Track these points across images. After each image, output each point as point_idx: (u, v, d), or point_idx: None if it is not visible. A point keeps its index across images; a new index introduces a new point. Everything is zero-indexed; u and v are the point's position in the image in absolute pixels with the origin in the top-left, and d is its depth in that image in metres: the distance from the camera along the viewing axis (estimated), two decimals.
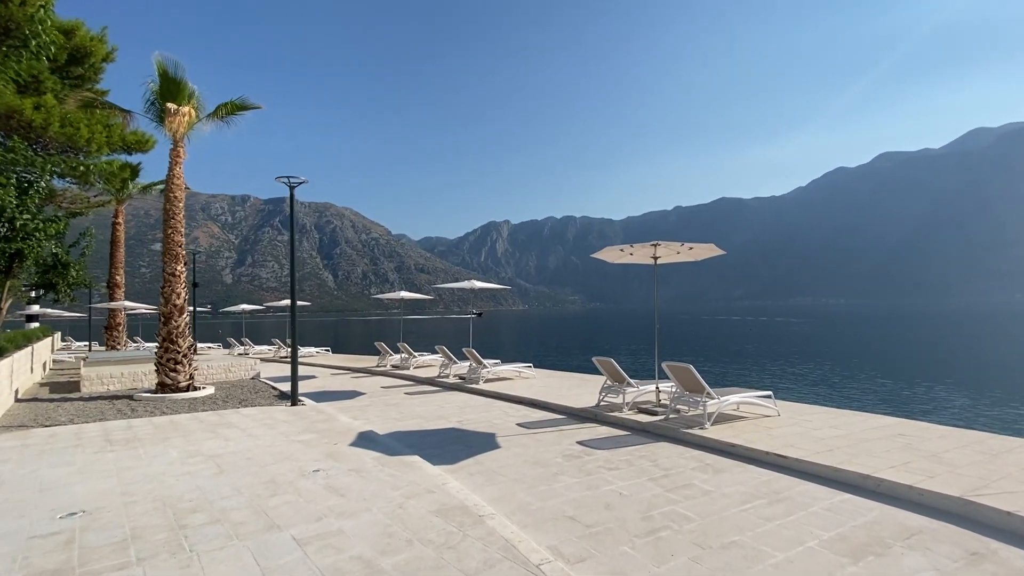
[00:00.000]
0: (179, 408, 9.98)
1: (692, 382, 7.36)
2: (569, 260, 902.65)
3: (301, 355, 22.67)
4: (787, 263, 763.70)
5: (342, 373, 16.85)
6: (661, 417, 7.76)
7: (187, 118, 11.65)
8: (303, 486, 4.83)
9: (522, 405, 9.87)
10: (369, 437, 6.96)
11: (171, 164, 12.63)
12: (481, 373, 12.32)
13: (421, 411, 9.55)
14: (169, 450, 6.35)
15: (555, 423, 8.15)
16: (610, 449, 6.51)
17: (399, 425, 8.36)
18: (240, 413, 9.06)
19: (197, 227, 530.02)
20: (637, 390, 8.50)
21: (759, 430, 6.89)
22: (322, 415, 8.71)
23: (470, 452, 6.51)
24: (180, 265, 12.50)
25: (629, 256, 9.00)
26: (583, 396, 9.83)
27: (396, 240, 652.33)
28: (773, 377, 24.28)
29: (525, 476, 5.47)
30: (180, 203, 12.66)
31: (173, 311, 12.28)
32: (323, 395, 12.14)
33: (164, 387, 11.93)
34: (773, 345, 43.17)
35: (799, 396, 18.67)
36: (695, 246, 8.15)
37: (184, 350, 12.29)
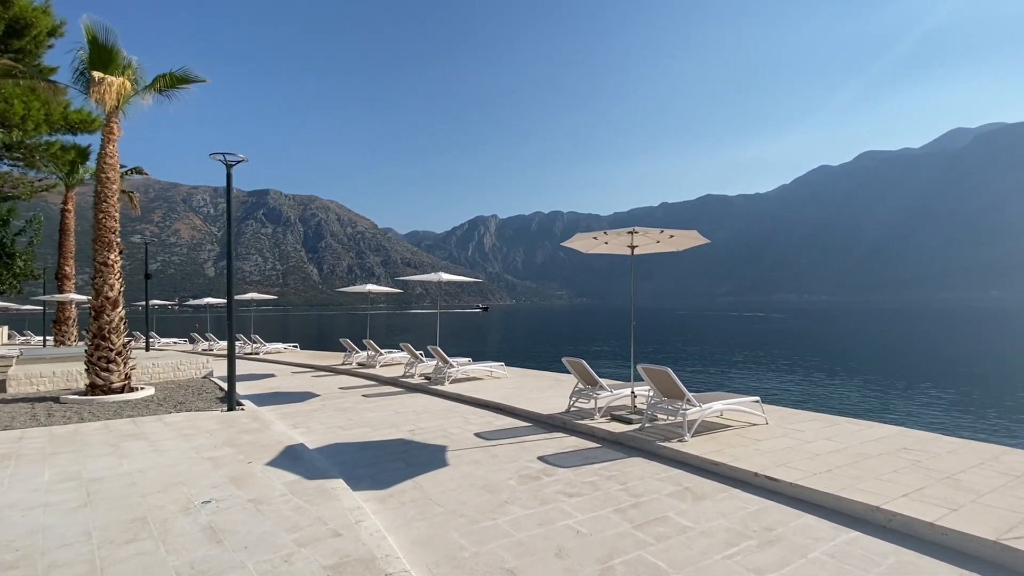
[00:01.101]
0: (103, 413, 8.86)
1: (671, 387, 6.47)
2: (556, 255, 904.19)
3: (267, 352, 21.47)
4: (771, 259, 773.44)
5: (304, 372, 15.76)
6: (636, 426, 6.86)
7: (115, 87, 10.40)
8: (177, 527, 3.82)
9: (487, 410, 8.92)
10: (294, 453, 5.94)
11: (103, 141, 11.39)
12: (447, 373, 11.34)
13: (372, 417, 8.54)
14: (44, 471, 5.27)
15: (518, 432, 7.22)
16: (574, 467, 5.58)
17: (341, 435, 7.35)
18: (163, 420, 7.97)
19: (179, 219, 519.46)
20: (611, 394, 7.60)
21: (745, 443, 6.02)
22: (255, 423, 7.66)
23: (410, 472, 5.54)
24: (113, 254, 11.28)
25: (604, 245, 8.08)
26: (553, 400, 8.91)
27: (383, 234, 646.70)
28: (757, 375, 23.68)
29: (467, 506, 4.52)
30: (114, 185, 11.43)
31: (105, 304, 11.09)
32: (274, 396, 11.09)
33: (95, 388, 10.76)
34: (758, 341, 42.85)
35: (786, 397, 18.01)
36: (676, 233, 7.24)
37: (118, 347, 11.11)
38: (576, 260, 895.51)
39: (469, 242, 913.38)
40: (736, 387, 19.92)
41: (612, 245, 8.09)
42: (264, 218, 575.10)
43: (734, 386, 20.40)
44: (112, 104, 10.94)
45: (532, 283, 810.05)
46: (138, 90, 11.47)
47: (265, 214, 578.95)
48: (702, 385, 20.67)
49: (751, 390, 18.67)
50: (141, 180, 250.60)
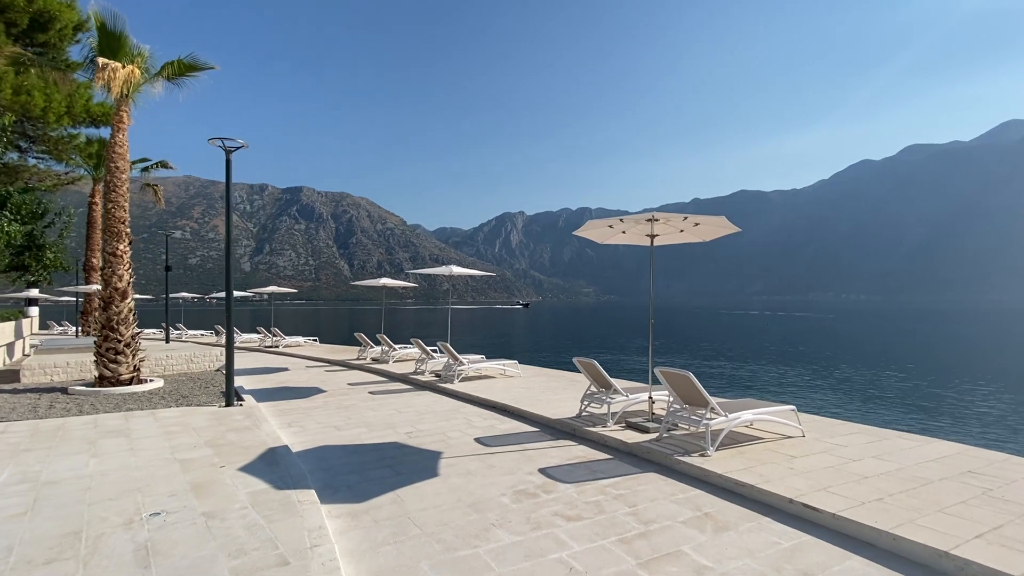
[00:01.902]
0: (104, 406, 8.65)
1: (692, 393, 5.72)
2: (583, 252, 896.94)
3: (286, 345, 21.42)
4: (807, 258, 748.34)
5: (317, 366, 15.50)
6: (653, 436, 6.13)
7: (120, 74, 10.18)
8: (109, 545, 3.34)
9: (493, 412, 8.32)
10: (274, 457, 5.46)
11: (113, 130, 11.24)
12: (457, 370, 10.79)
13: (371, 417, 8.05)
14: (5, 470, 4.93)
15: (522, 439, 6.58)
16: (578, 483, 4.92)
17: (333, 436, 6.87)
18: (155, 415, 7.66)
19: (217, 215, 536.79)
20: (626, 399, 6.88)
21: (778, 459, 5.24)
22: (247, 421, 7.26)
23: (395, 482, 4.98)
24: (122, 244, 11.13)
25: (622, 235, 7.34)
26: (565, 403, 8.23)
27: (411, 230, 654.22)
28: (793, 380, 22.27)
29: (448, 528, 3.92)
30: (123, 175, 11.27)
31: (114, 295, 10.96)
32: (279, 391, 10.76)
33: (103, 380, 10.64)
34: (794, 343, 40.86)
35: (825, 406, 16.71)
36: (702, 220, 6.45)
37: (127, 339, 10.96)
38: (604, 257, 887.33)
39: (496, 239, 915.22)
40: (769, 393, 18.69)
41: (631, 235, 7.35)
42: (297, 214, 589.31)
43: (766, 392, 19.12)
44: (120, 92, 10.76)
45: (559, 280, 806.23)
46: (147, 78, 11.28)
47: (298, 211, 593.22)
48: (730, 390, 19.45)
49: (786, 397, 17.48)
50: (182, 177, 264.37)
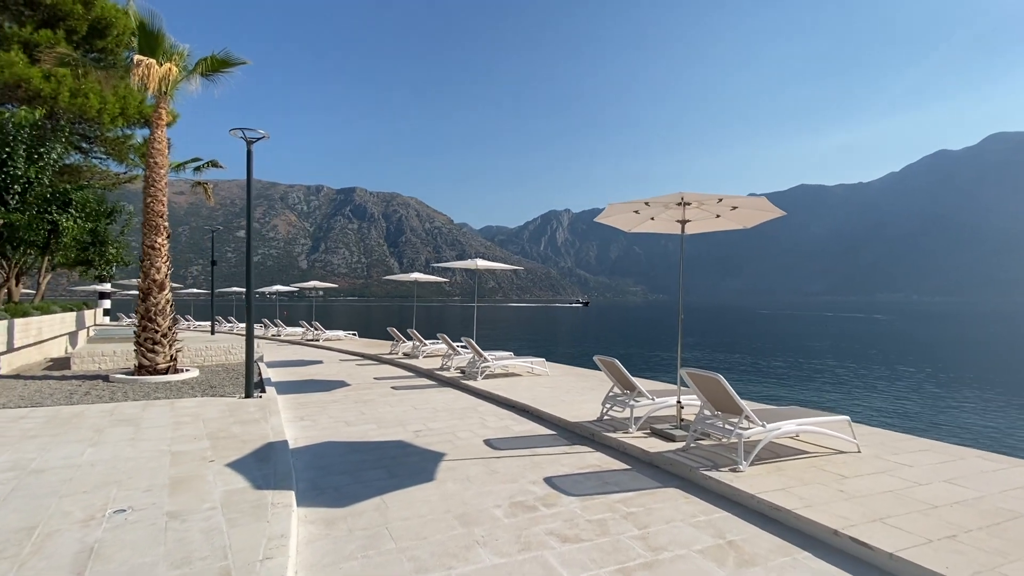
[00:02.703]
0: (134, 394, 8.82)
1: (722, 399, 5.01)
2: (631, 250, 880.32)
3: (326, 339, 21.78)
4: (874, 256, 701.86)
5: (351, 360, 15.54)
6: (679, 445, 5.46)
7: (153, 71, 10.38)
8: (54, 545, 3.11)
9: (511, 411, 7.85)
10: (268, 452, 5.21)
11: (152, 127, 11.53)
12: (480, 367, 10.38)
13: (386, 413, 7.76)
14: (1, 456, 4.91)
15: (534, 442, 6.07)
16: (585, 496, 4.35)
17: (341, 432, 6.60)
18: (173, 405, 7.67)
19: (276, 215, 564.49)
20: (651, 403, 6.22)
21: (825, 479, 4.47)
22: (259, 413, 7.12)
23: (386, 486, 4.59)
24: (160, 237, 11.40)
25: (650, 221, 6.67)
26: (588, 405, 7.64)
27: (458, 229, 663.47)
28: (850, 387, 20.38)
29: (426, 543, 3.47)
30: (162, 170, 11.54)
31: (152, 287, 11.23)
32: (305, 384, 10.72)
33: (142, 369, 10.94)
34: (854, 346, 37.90)
35: (887, 417, 15.09)
36: (740, 203, 5.68)
37: (164, 329, 11.23)
38: (653, 255, 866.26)
39: (542, 236, 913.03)
40: (821, 401, 17.05)
41: (660, 221, 6.66)
42: (351, 214, 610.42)
43: (818, 399, 17.48)
44: (157, 89, 11.01)
45: (605, 278, 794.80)
46: (182, 76, 11.50)
47: (352, 210, 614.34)
48: (776, 396, 17.88)
49: (840, 406, 15.92)
50: (244, 180, 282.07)
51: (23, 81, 14.26)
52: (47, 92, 14.73)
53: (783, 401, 16.83)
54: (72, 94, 15.25)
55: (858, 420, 6.12)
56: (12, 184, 13.71)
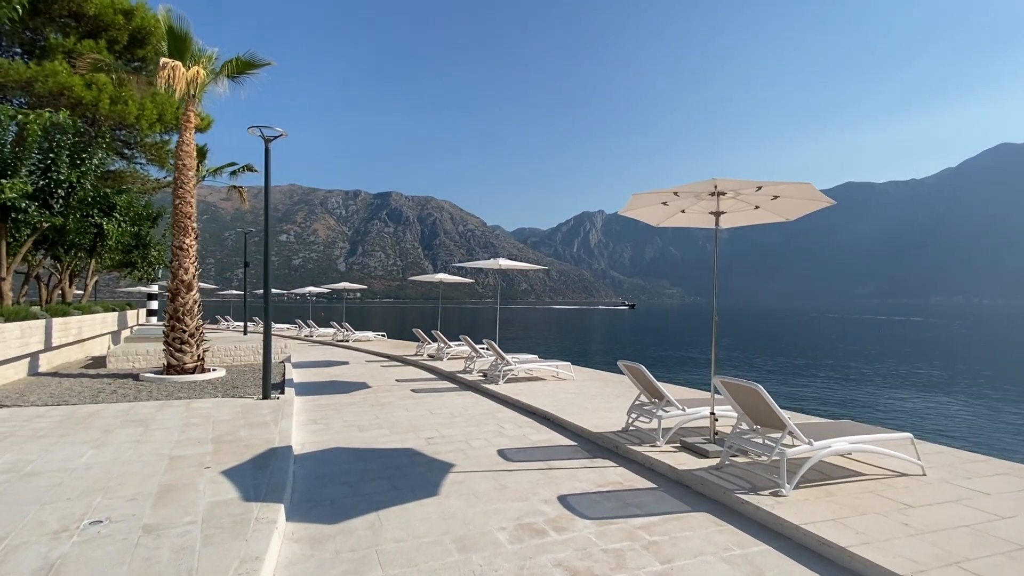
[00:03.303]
0: (158, 393, 8.87)
1: (762, 412, 4.43)
2: (667, 251, 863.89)
3: (356, 339, 21.88)
4: (929, 257, 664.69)
5: (376, 361, 15.43)
6: (712, 463, 4.89)
7: (180, 73, 10.48)
8: (15, 560, 2.89)
9: (532, 418, 7.40)
10: (269, 459, 4.95)
11: (181, 130, 11.72)
12: (502, 371, 9.98)
13: (401, 417, 7.46)
14: (2, 457, 4.82)
15: (552, 454, 5.61)
16: (603, 519, 3.87)
17: (351, 438, 6.32)
18: (189, 406, 7.59)
19: (316, 220, 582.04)
20: (682, 414, 5.66)
21: (885, 507, 3.84)
22: (271, 415, 6.94)
23: (385, 500, 4.24)
24: (189, 239, 11.54)
25: (680, 214, 6.11)
26: (613, 414, 7.12)
27: (491, 231, 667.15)
28: (910, 398, 18.78)
29: (413, 574, 3.08)
30: (190, 172, 11.70)
31: (180, 287, 11.36)
32: (325, 386, 10.58)
33: (170, 368, 11.07)
34: (911, 352, 35.34)
35: (955, 432, 13.58)
36: (782, 191, 5.07)
37: (191, 329, 11.33)
38: (690, 256, 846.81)
39: (575, 238, 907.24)
40: (877, 416, 15.40)
41: (692, 214, 6.10)
42: (387, 218, 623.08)
43: (874, 415, 15.80)
44: (185, 92, 11.14)
45: (640, 280, 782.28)
46: (208, 79, 11.60)
47: (388, 214, 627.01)
48: (826, 410, 16.28)
49: (899, 422, 14.48)
50: (287, 186, 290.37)
51: (66, 89, 14.81)
52: (89, 100, 15.26)
53: (830, 413, 15.69)
54: (112, 101, 15.76)
55: (921, 436, 5.40)
56: (56, 188, 14.21)
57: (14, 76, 14.31)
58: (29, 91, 15.15)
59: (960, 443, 9.82)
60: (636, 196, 5.30)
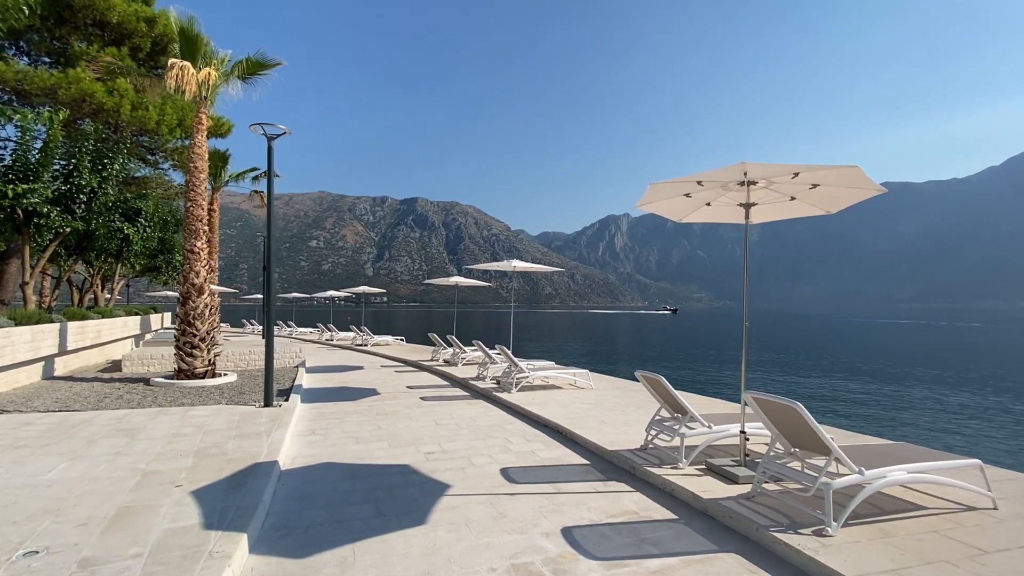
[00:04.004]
0: (164, 398, 8.68)
1: (804, 434, 3.78)
2: (695, 255, 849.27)
3: (374, 343, 21.66)
4: (973, 259, 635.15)
5: (391, 366, 15.10)
6: (743, 490, 4.25)
7: (190, 73, 10.35)
8: None
9: (543, 431, 6.85)
10: (247, 477, 4.53)
11: (193, 132, 11.59)
12: (515, 378, 9.44)
13: (403, 428, 7.00)
14: None
15: (562, 474, 5.04)
16: (611, 561, 3.30)
17: (346, 451, 5.88)
18: (185, 414, 7.30)
19: (345, 226, 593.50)
20: (708, 432, 5.02)
21: (954, 552, 3.16)
22: (266, 425, 6.57)
23: (364, 529, 3.75)
24: (200, 242, 11.38)
25: (706, 207, 5.50)
26: (632, 428, 6.51)
27: (515, 235, 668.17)
28: (970, 417, 15.81)
29: None
30: (201, 174, 11.52)
31: (191, 291, 11.22)
32: (334, 392, 10.22)
33: (180, 373, 10.92)
34: (966, 362, 32.84)
35: (1018, 457, 12.10)
36: (822, 178, 4.40)
37: (202, 333, 11.18)
38: (718, 259, 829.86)
39: (600, 242, 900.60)
40: (935, 439, 13.24)
41: (719, 207, 5.47)
42: (413, 223, 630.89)
43: (931, 437, 13.58)
44: (196, 93, 11.02)
45: (667, 284, 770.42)
46: (220, 81, 11.47)
47: (414, 220, 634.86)
48: (875, 428, 14.02)
49: (959, 444, 12.88)
50: (316, 193, 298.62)
51: (88, 95, 15.00)
52: (110, 106, 15.43)
53: (875, 430, 14.52)
54: (133, 107, 15.92)
55: (991, 461, 4.64)
56: (78, 194, 14.37)
57: (38, 83, 14.54)
58: (53, 97, 15.43)
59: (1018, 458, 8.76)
60: (654, 186, 4.71)
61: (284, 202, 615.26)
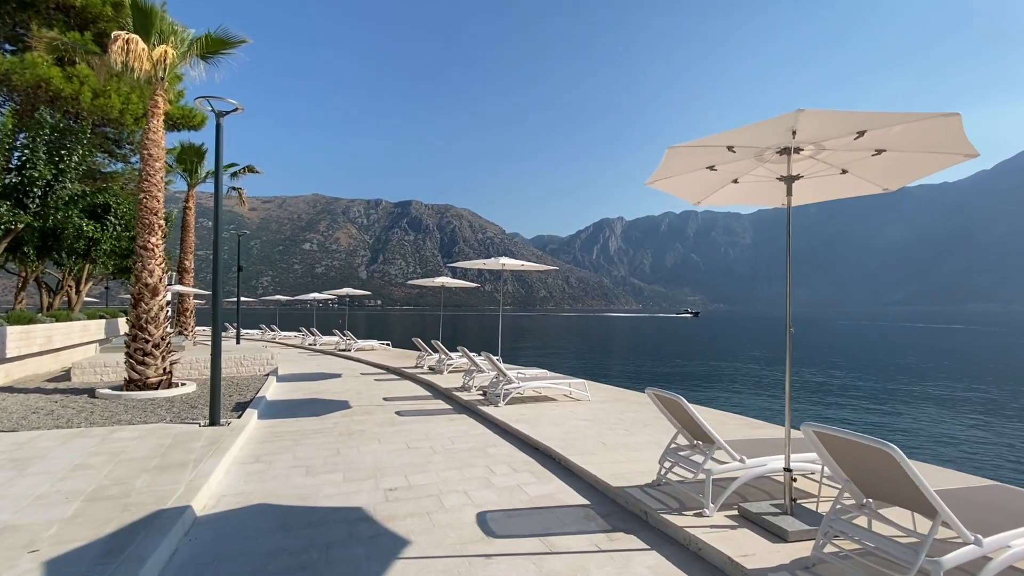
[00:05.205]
0: (102, 414, 7.58)
1: (892, 486, 2.71)
2: (688, 258, 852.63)
3: (358, 348, 20.49)
4: (962, 262, 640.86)
5: (372, 373, 13.96)
6: (796, 552, 3.17)
7: (139, 48, 9.19)
8: None
9: (534, 455, 5.76)
10: (135, 534, 3.41)
11: (148, 116, 10.46)
12: (503, 389, 8.35)
13: (367, 455, 5.88)
14: None
15: (554, 521, 3.95)
16: None
17: (290, 487, 4.76)
18: (108, 436, 6.15)
19: (339, 229, 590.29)
20: (742, 467, 3.93)
21: None
22: (199, 452, 5.44)
23: None
24: (155, 237, 10.18)
25: (732, 185, 4.45)
26: (640, 451, 5.43)
27: (510, 239, 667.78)
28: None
29: None
30: (157, 163, 10.36)
31: (144, 292, 10.02)
32: (299, 406, 9.07)
33: (130, 383, 9.76)
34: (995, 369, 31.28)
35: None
36: (896, 138, 3.35)
37: (156, 339, 9.99)
38: (711, 262, 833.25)
39: (594, 245, 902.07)
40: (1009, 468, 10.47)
41: (748, 184, 4.42)
42: (407, 226, 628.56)
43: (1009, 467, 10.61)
44: (149, 72, 9.89)
45: (661, 287, 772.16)
46: (177, 60, 10.32)
47: (408, 223, 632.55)
48: (930, 452, 11.40)
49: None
50: (310, 195, 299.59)
51: (44, 81, 13.84)
52: (68, 92, 14.26)
53: (932, 455, 11.30)
54: (94, 94, 14.75)
55: None
56: (31, 187, 13.17)
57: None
58: (7, 84, 14.25)
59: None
60: (672, 151, 3.63)
61: (277, 205, 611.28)
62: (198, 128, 18.96)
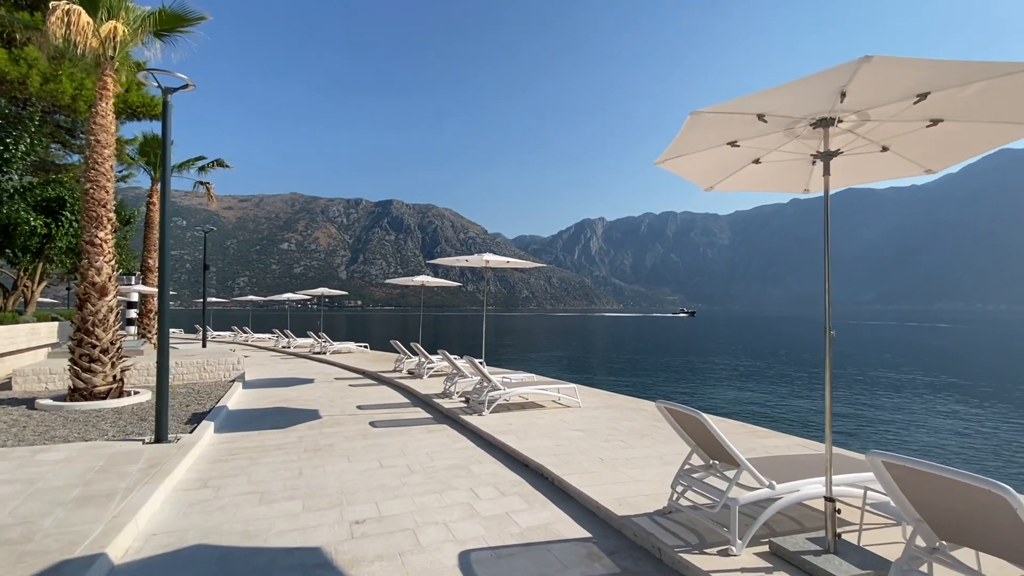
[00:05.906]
0: (35, 429, 6.70)
1: (997, 531, 2.13)
2: (668, 258, 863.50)
3: (334, 351, 19.58)
4: (932, 263, 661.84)
5: (347, 378, 13.16)
6: None
7: (83, 20, 8.27)
8: None
9: (523, 473, 5.11)
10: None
11: (96, 98, 9.47)
12: (487, 396, 7.68)
13: (332, 477, 5.16)
14: None
15: (553, 566, 3.30)
16: None
17: (237, 520, 4.02)
18: (37, 456, 5.30)
19: (318, 228, 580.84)
20: (772, 494, 3.34)
21: None
22: (132, 478, 4.66)
23: None
24: (103, 232, 9.22)
25: (752, 166, 3.86)
26: (643, 470, 4.82)
27: (492, 239, 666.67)
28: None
29: None
30: (106, 150, 9.39)
31: (90, 292, 9.08)
32: (263, 416, 8.27)
33: (75, 392, 8.82)
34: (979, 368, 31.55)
35: None
36: (973, 98, 2.79)
37: (104, 344, 9.07)
38: (690, 262, 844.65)
39: (575, 245, 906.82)
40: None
41: (772, 165, 3.84)
42: (388, 226, 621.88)
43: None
44: (95, 49, 8.95)
45: (641, 287, 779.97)
46: (130, 37, 9.40)
47: (389, 222, 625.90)
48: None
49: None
50: (289, 195, 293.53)
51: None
52: (15, 76, 13.13)
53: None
54: (44, 79, 13.63)
55: None
56: None
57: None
58: None
59: None
60: (696, 116, 3.01)
61: (255, 204, 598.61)
62: (157, 118, 17.83)
